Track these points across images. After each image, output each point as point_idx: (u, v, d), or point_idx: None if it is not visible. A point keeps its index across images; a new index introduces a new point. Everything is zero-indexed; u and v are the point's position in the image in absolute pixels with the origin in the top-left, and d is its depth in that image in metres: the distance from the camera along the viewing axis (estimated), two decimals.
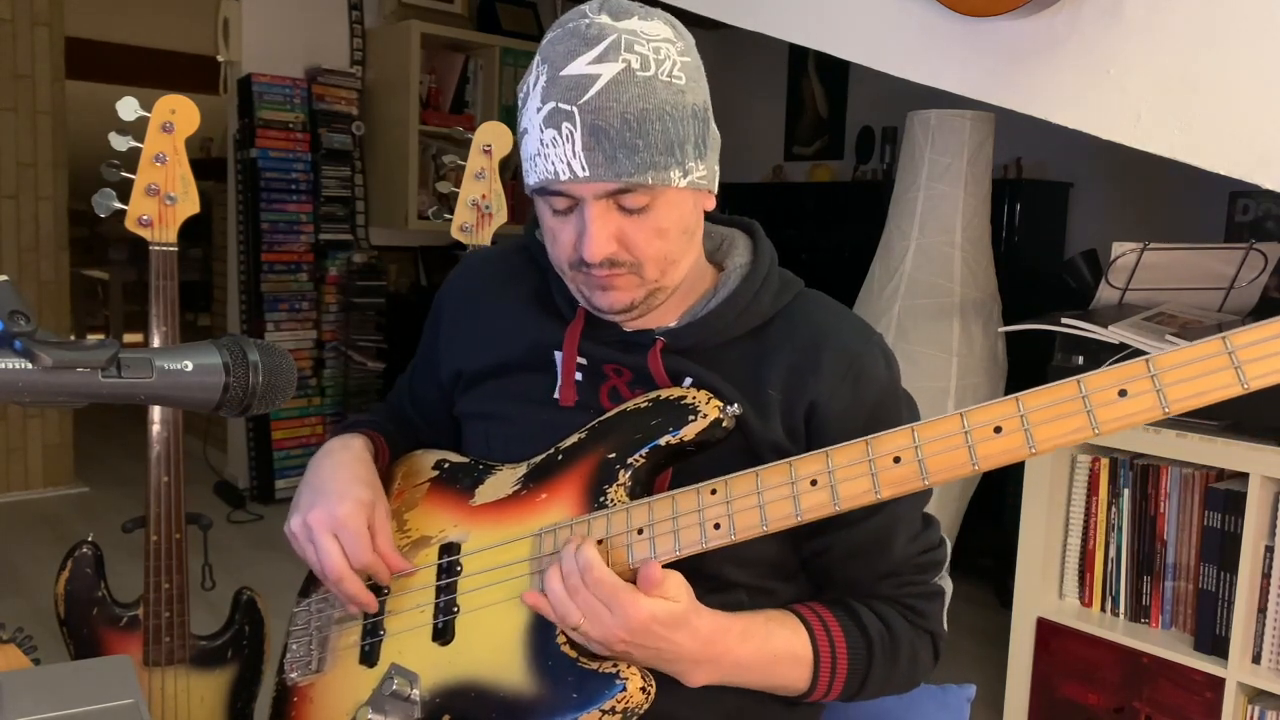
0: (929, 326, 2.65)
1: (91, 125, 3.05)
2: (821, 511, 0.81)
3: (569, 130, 0.86)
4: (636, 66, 0.86)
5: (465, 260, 1.14)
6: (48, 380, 0.60)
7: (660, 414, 0.90)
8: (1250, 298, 2.22)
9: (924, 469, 0.77)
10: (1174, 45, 1.63)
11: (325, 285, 4.11)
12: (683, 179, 0.89)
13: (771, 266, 1.00)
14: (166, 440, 1.44)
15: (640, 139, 0.86)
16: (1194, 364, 0.71)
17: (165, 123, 1.40)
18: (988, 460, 0.76)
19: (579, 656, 0.87)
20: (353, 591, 0.95)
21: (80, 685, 0.73)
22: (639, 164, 0.86)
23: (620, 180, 0.86)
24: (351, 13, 4.19)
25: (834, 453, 0.81)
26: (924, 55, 1.91)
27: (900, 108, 2.92)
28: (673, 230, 0.91)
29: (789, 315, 0.98)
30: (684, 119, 0.88)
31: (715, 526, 0.83)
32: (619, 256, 0.90)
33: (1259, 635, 1.82)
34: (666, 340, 0.95)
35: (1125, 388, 0.72)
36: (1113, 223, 3.56)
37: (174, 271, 1.44)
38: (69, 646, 1.45)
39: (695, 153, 0.90)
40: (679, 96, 0.88)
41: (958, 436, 0.76)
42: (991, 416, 0.76)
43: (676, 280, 0.94)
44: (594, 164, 0.86)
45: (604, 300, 0.93)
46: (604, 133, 0.85)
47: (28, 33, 3.89)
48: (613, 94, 0.85)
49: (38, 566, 3.27)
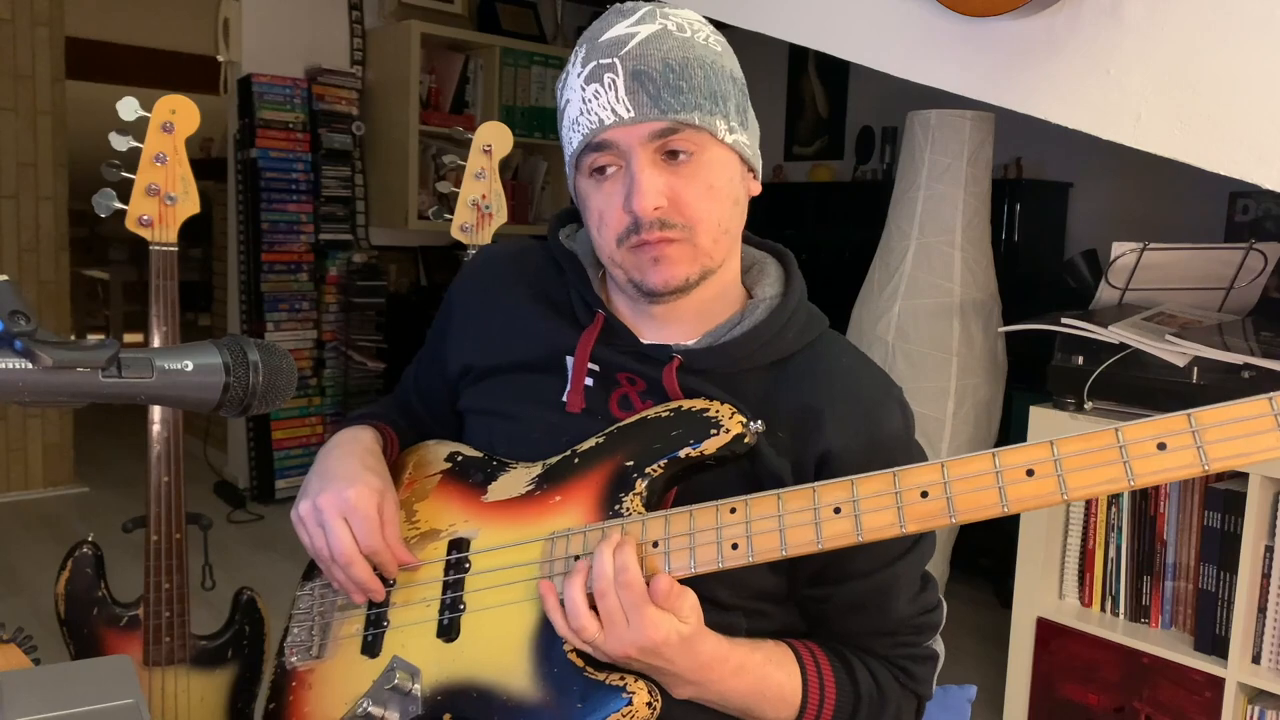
0: (929, 326, 2.65)
1: (91, 125, 3.04)
2: (844, 541, 0.78)
3: (611, 79, 0.87)
4: (674, 29, 0.89)
5: (484, 254, 1.11)
6: (48, 380, 0.60)
7: (682, 425, 0.88)
8: (1250, 298, 2.22)
9: (951, 507, 0.75)
10: (1173, 45, 1.63)
11: (325, 285, 4.11)
12: (729, 133, 0.89)
13: (801, 301, 0.98)
14: (166, 440, 1.44)
15: (684, 80, 0.87)
16: (1238, 422, 0.69)
17: (165, 123, 1.40)
18: (1019, 504, 0.74)
19: (585, 665, 0.85)
20: (362, 577, 0.93)
21: (80, 685, 0.73)
22: (684, 103, 0.86)
23: (666, 118, 0.86)
24: (351, 13, 4.19)
25: (859, 482, 0.78)
26: (924, 55, 1.91)
27: (900, 108, 2.92)
28: (724, 191, 0.90)
29: (811, 355, 0.96)
30: (724, 78, 0.90)
31: (733, 546, 0.81)
32: (670, 217, 0.88)
33: (1259, 635, 1.82)
34: (684, 359, 0.93)
35: (1165, 441, 0.70)
36: (1113, 223, 3.56)
37: (174, 271, 1.44)
38: (69, 646, 1.45)
39: (738, 115, 0.91)
40: (718, 57, 0.90)
41: (989, 476, 0.74)
42: (1025, 459, 0.74)
43: (726, 260, 0.93)
44: (639, 105, 0.86)
45: (658, 276, 0.90)
46: (647, 76, 0.86)
47: (28, 33, 3.89)
48: (653, 44, 0.88)
49: (38, 566, 3.27)
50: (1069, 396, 2.05)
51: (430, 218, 1.92)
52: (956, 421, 2.65)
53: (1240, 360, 1.81)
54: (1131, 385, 1.97)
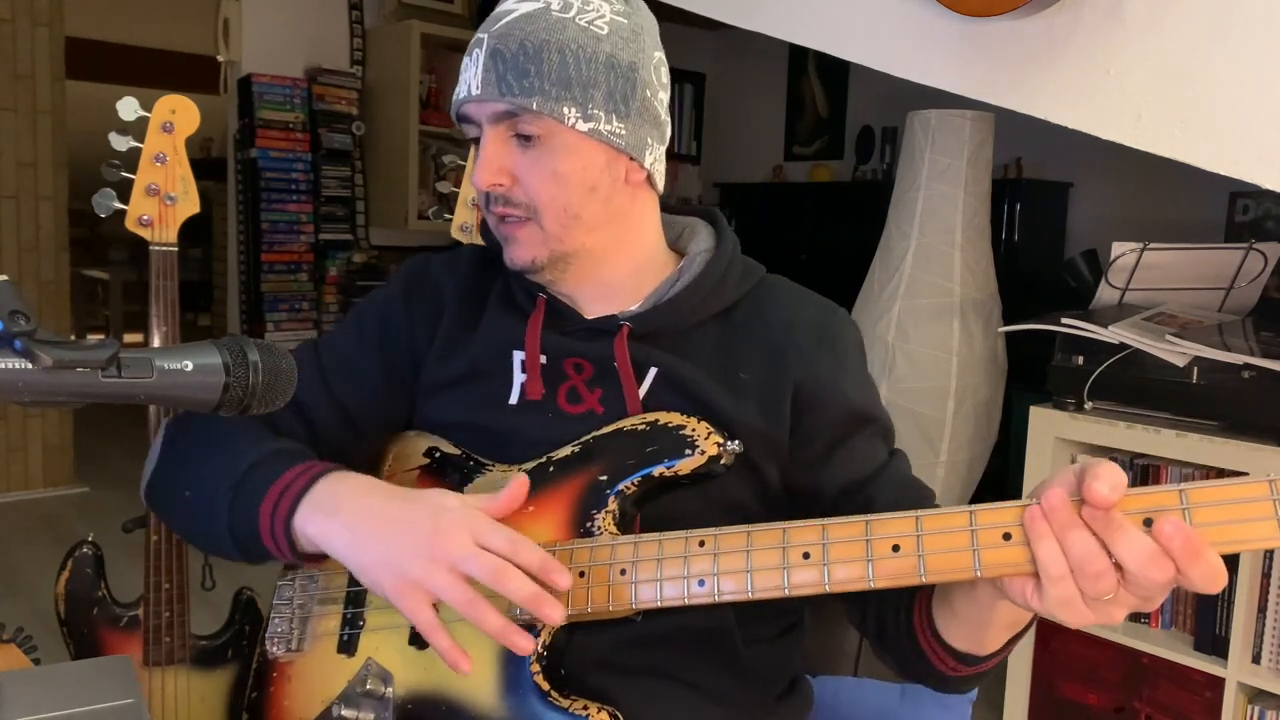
0: (929, 326, 2.65)
1: (91, 125, 3.05)
2: (811, 590, 0.76)
3: (477, 55, 0.89)
4: (556, 7, 0.89)
5: (417, 265, 1.07)
6: (48, 380, 0.60)
7: (657, 441, 0.87)
8: (1250, 298, 2.22)
9: (923, 566, 0.72)
10: (1174, 45, 1.63)
11: (325, 285, 4.11)
12: (582, 122, 0.88)
13: (735, 251, 1.00)
14: None
15: (532, 64, 0.87)
16: (1234, 504, 0.64)
17: (165, 123, 1.40)
18: (992, 569, 0.70)
19: (550, 690, 0.84)
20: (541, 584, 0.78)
21: (80, 685, 0.73)
22: (526, 88, 0.86)
23: (504, 100, 0.87)
24: (351, 13, 4.19)
25: (830, 526, 0.76)
26: (924, 55, 1.91)
27: (900, 108, 2.92)
28: (572, 178, 0.89)
29: (755, 298, 0.98)
30: (594, 63, 0.88)
31: (699, 583, 0.79)
32: (513, 194, 0.90)
33: (1259, 635, 1.82)
34: (632, 325, 0.94)
35: (1153, 518, 0.65)
36: (1113, 223, 3.56)
37: (174, 271, 1.44)
38: (69, 646, 1.45)
39: (607, 104, 0.89)
40: (592, 41, 0.89)
41: (964, 535, 0.71)
42: (1002, 521, 0.70)
43: (589, 246, 0.93)
44: (486, 84, 0.88)
45: (508, 253, 0.93)
46: (500, 55, 0.87)
47: (28, 33, 3.89)
48: (520, 24, 0.88)
49: (38, 566, 3.27)
50: (1069, 396, 2.05)
51: (430, 218, 1.92)
52: (956, 421, 2.65)
53: (1240, 360, 1.81)
54: (1131, 385, 1.97)
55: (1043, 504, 0.66)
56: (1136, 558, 0.63)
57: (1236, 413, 1.85)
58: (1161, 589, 0.64)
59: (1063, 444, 2.08)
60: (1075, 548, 0.64)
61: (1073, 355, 2.04)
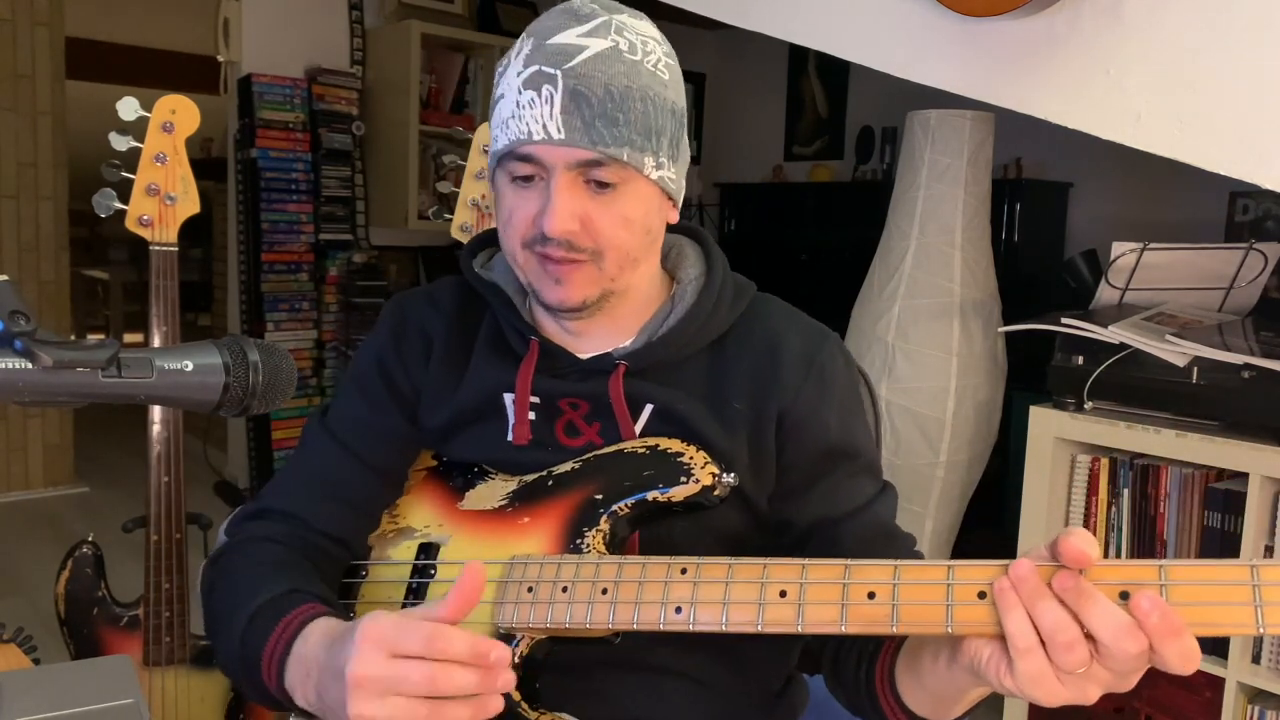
0: (929, 326, 2.65)
1: (91, 125, 3.05)
2: (784, 628, 0.75)
3: (549, 92, 0.84)
4: (624, 48, 0.86)
5: (396, 306, 1.04)
6: (48, 380, 0.60)
7: (654, 466, 0.88)
8: (1250, 298, 2.22)
9: (896, 615, 0.71)
10: (1173, 45, 1.63)
11: (325, 285, 4.11)
12: (655, 170, 0.88)
13: (725, 275, 0.98)
14: (166, 440, 1.44)
15: (621, 113, 0.84)
16: (1211, 585, 0.63)
17: (165, 123, 1.40)
18: (964, 627, 0.69)
19: (521, 700, 0.85)
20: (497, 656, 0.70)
21: (80, 685, 0.73)
22: (617, 137, 0.84)
23: (595, 150, 0.84)
24: (351, 13, 4.19)
25: (811, 567, 0.75)
26: (924, 55, 1.91)
27: (900, 108, 2.92)
28: (638, 224, 0.89)
29: (745, 323, 0.97)
30: (664, 111, 0.88)
31: (676, 610, 0.78)
32: (579, 240, 0.86)
33: (1258, 635, 1.82)
34: (627, 364, 0.93)
35: (1129, 590, 0.64)
36: (1113, 223, 3.56)
37: (174, 271, 1.44)
38: (69, 646, 1.45)
39: (669, 151, 0.89)
40: (662, 88, 0.88)
41: (939, 589, 0.70)
42: (979, 578, 0.69)
43: (630, 285, 0.92)
44: (571, 128, 0.84)
45: (554, 295, 0.89)
46: (585, 99, 0.84)
47: (28, 33, 3.89)
48: (599, 65, 0.85)
49: (38, 566, 3.27)
50: (1069, 396, 2.05)
51: (430, 218, 1.92)
52: (956, 421, 2.65)
53: (1240, 360, 1.81)
54: (1131, 385, 1.97)
55: (1010, 574, 0.65)
56: (1109, 629, 0.62)
57: (1236, 413, 1.85)
58: (1136, 664, 0.63)
59: (1063, 444, 2.08)
60: (1045, 617, 0.63)
61: (1073, 355, 2.04)
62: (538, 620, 0.82)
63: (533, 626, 0.83)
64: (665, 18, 1.73)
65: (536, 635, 0.85)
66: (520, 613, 0.84)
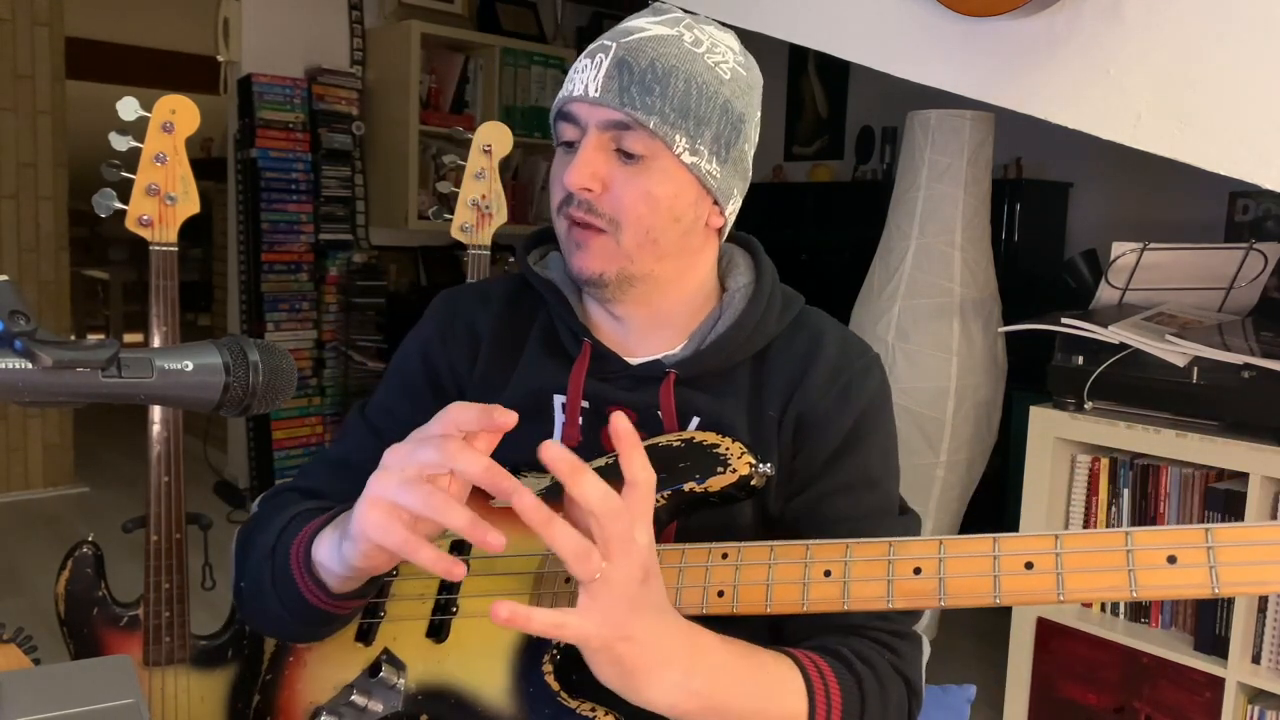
0: (929, 326, 2.65)
1: (91, 125, 3.04)
2: (830, 606, 0.76)
3: (600, 59, 0.88)
4: (688, 40, 0.89)
5: (447, 299, 1.04)
6: (48, 380, 0.60)
7: (690, 458, 0.88)
8: (1250, 298, 2.22)
9: (943, 589, 0.72)
10: (1173, 45, 1.63)
11: (325, 285, 4.11)
12: (688, 154, 0.88)
13: (774, 286, 0.99)
14: (166, 440, 1.44)
15: (659, 84, 0.86)
16: (1260, 546, 0.65)
17: (165, 123, 1.40)
18: (1012, 596, 0.71)
19: (560, 690, 0.85)
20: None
21: (80, 685, 0.73)
22: (648, 105, 0.86)
23: (624, 111, 0.86)
24: (351, 13, 4.19)
25: (855, 546, 0.77)
26: (924, 55, 1.91)
27: (900, 108, 2.92)
28: (663, 202, 0.89)
29: (790, 333, 0.98)
30: (713, 102, 0.89)
31: (719, 594, 0.79)
32: (599, 203, 0.88)
33: (1259, 635, 1.82)
34: (677, 371, 0.94)
35: (1176, 554, 0.66)
36: (1113, 223, 3.56)
37: (174, 271, 1.44)
38: (69, 646, 1.45)
39: (713, 143, 0.90)
40: (717, 83, 0.89)
41: (985, 561, 0.72)
42: (1025, 549, 0.71)
43: (656, 273, 0.92)
44: (607, 89, 0.86)
45: (576, 261, 0.91)
46: (629, 67, 0.86)
47: (28, 33, 3.89)
48: (653, 44, 0.88)
49: (38, 566, 3.27)
50: (1069, 396, 2.05)
51: (430, 218, 1.92)
52: (956, 421, 2.65)
53: (1240, 360, 1.81)
54: (1131, 385, 1.97)
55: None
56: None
57: (1236, 413, 1.85)
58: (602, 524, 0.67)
59: (1063, 444, 2.08)
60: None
61: (1073, 355, 2.04)
62: None
63: None
64: None
65: None
66: (559, 603, 0.84)
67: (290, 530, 0.90)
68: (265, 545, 0.90)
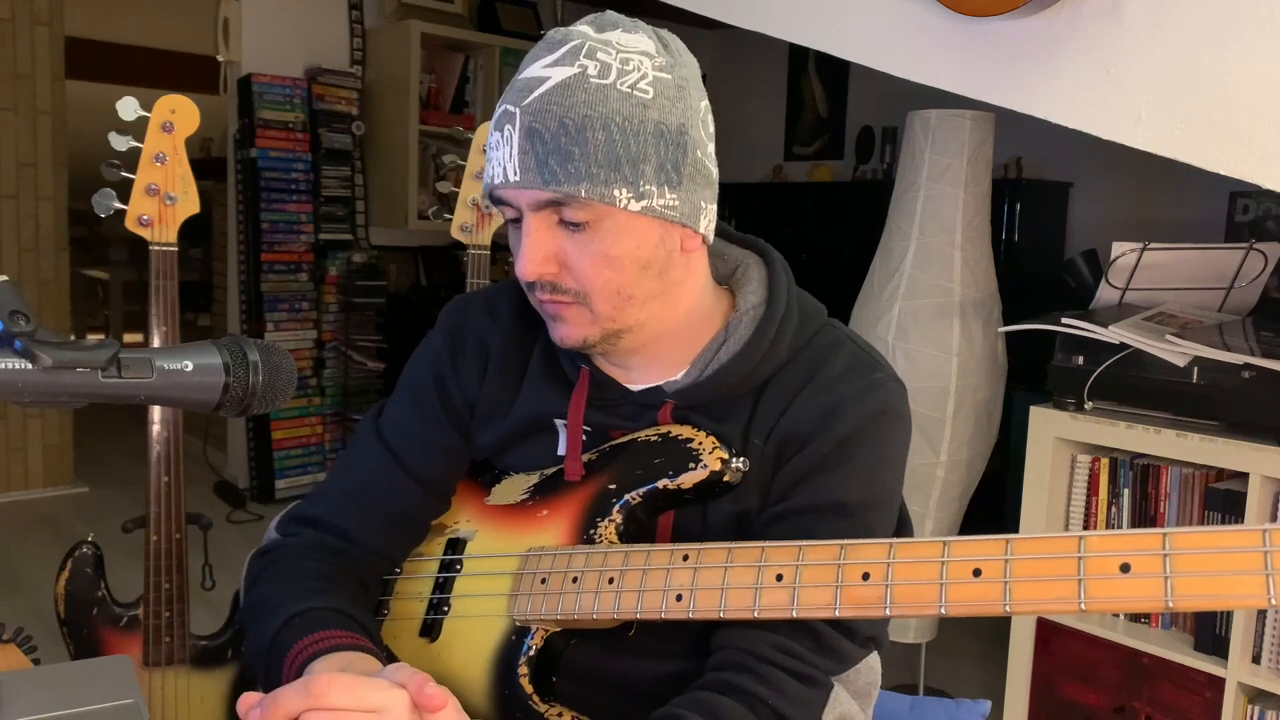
0: (929, 326, 2.65)
1: (91, 125, 3.05)
2: (779, 613, 0.74)
3: (509, 132, 0.81)
4: (593, 74, 0.80)
5: (454, 312, 1.02)
6: (48, 380, 0.60)
7: (665, 454, 0.87)
8: (1250, 298, 2.22)
9: (889, 596, 0.69)
10: (1174, 45, 1.63)
11: (325, 285, 4.11)
12: (634, 201, 0.80)
13: (789, 305, 0.91)
14: (166, 440, 1.44)
15: (576, 146, 0.78)
16: (1220, 554, 0.60)
17: (165, 123, 1.40)
18: (957, 608, 0.67)
19: (533, 694, 0.85)
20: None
21: (80, 685, 0.73)
22: (571, 173, 0.79)
23: (549, 189, 0.79)
24: (351, 13, 4.19)
25: (807, 548, 0.74)
26: (924, 55, 1.91)
27: (900, 108, 2.92)
28: (625, 259, 0.82)
29: (798, 359, 0.91)
30: (641, 135, 0.80)
31: (677, 598, 0.78)
32: (561, 281, 0.83)
33: (1259, 635, 1.82)
34: (676, 400, 0.90)
35: (1130, 562, 0.61)
36: (1113, 223, 3.56)
37: (174, 271, 1.44)
38: (69, 646, 1.45)
39: (658, 176, 0.81)
40: (639, 110, 0.80)
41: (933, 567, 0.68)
42: (974, 553, 0.67)
43: (641, 320, 0.87)
44: (525, 169, 0.80)
45: (555, 332, 0.87)
46: (539, 136, 0.79)
47: (28, 33, 3.88)
48: (555, 97, 0.79)
49: (38, 566, 3.27)
50: (1069, 396, 2.05)
51: (430, 218, 1.92)
52: (956, 421, 2.65)
53: (1240, 360, 1.81)
54: (1131, 385, 1.97)
55: None
56: None
57: (1236, 413, 1.85)
58: None
59: (1063, 444, 2.08)
60: None
61: (1073, 355, 2.04)
62: (549, 611, 0.84)
63: (545, 618, 0.84)
64: (665, 17, 1.73)
65: (550, 627, 0.86)
66: (534, 604, 0.85)
67: (285, 637, 0.83)
68: (264, 633, 0.86)
